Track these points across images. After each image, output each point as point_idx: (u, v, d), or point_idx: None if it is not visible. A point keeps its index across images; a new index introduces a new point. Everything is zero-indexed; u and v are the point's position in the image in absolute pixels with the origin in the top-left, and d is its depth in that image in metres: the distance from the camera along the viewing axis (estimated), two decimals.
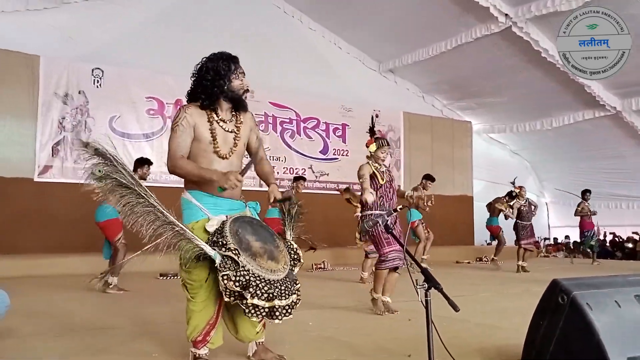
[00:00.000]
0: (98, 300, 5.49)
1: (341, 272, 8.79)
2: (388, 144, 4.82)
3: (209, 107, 2.75)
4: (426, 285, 2.34)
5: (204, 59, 2.77)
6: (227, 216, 2.65)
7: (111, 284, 5.96)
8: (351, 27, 12.81)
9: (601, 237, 15.87)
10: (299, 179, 8.29)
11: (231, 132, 2.79)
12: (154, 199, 2.50)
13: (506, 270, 9.25)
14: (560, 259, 14.46)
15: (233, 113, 2.84)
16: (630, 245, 14.75)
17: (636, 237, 14.70)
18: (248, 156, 2.99)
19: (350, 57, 13.57)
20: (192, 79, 2.79)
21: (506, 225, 10.23)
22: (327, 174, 12.20)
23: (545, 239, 16.97)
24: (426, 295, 2.34)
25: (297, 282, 2.72)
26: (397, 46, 13.00)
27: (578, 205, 11.29)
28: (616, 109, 12.47)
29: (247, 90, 2.82)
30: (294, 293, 2.61)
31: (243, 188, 2.86)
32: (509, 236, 10.07)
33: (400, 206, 3.89)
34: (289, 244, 2.84)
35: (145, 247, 2.56)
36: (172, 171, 2.69)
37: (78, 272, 7.29)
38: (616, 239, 15.51)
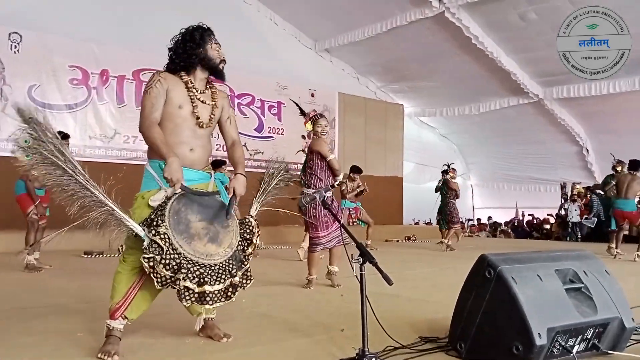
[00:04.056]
0: (19, 278, 5.23)
1: (275, 250, 8.79)
2: (322, 116, 4.78)
3: (185, 73, 2.73)
4: (361, 259, 2.38)
5: (180, 32, 2.79)
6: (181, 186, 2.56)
7: (31, 262, 5.67)
8: (287, 3, 12.64)
9: (520, 218, 16.82)
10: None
11: (205, 103, 2.76)
12: (83, 177, 2.41)
13: (433, 249, 9.59)
14: (483, 238, 15.18)
15: (207, 86, 2.82)
16: (547, 226, 15.66)
17: (552, 219, 15.64)
18: (221, 134, 2.98)
19: (287, 34, 13.40)
20: (169, 52, 2.77)
21: None
22: (262, 152, 12.03)
23: (469, 219, 17.73)
24: (361, 270, 2.37)
25: (245, 263, 2.68)
26: (334, 25, 12.99)
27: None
28: (539, 96, 13.13)
29: (224, 61, 2.82)
30: (234, 276, 2.57)
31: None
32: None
33: (338, 182, 3.90)
34: (248, 221, 2.78)
35: (70, 225, 2.46)
36: (141, 131, 2.60)
37: None
38: (534, 220, 16.43)
